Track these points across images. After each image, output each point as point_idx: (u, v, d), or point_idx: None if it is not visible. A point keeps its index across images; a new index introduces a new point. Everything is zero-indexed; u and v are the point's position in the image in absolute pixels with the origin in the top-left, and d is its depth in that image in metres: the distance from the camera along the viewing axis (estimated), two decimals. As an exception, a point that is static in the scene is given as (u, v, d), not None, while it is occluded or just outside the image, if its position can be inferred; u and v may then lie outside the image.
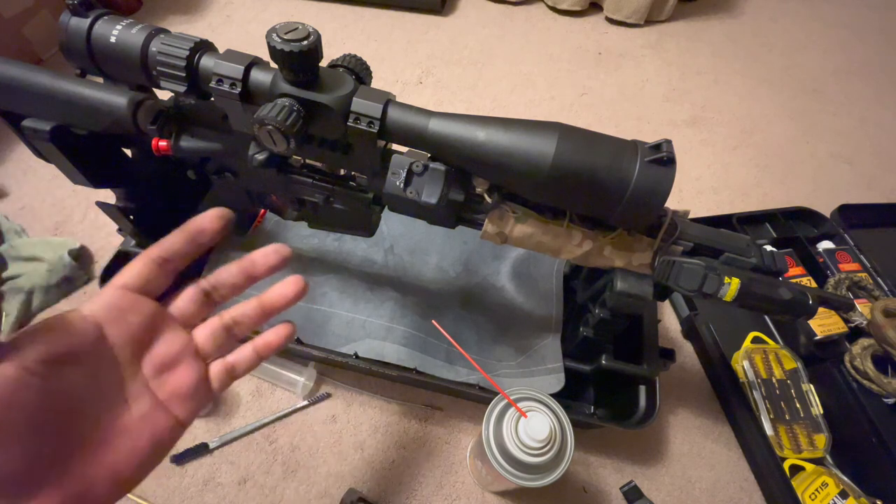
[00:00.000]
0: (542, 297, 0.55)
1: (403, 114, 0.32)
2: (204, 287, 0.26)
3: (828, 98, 0.97)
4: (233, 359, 0.27)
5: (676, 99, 0.94)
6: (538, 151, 0.30)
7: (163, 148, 0.38)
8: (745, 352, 0.58)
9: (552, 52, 1.01)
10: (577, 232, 0.37)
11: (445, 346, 0.51)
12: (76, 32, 0.33)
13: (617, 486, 0.50)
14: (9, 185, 0.70)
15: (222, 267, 0.26)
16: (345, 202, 0.42)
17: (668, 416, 0.55)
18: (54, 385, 0.20)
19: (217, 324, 0.26)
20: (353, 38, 1.01)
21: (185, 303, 0.26)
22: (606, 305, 0.40)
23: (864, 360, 0.55)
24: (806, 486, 0.48)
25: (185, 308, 0.26)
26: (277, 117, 0.29)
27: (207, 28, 1.00)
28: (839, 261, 0.65)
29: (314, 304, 0.53)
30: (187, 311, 0.26)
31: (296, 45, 0.28)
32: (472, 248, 0.59)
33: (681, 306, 0.63)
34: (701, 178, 0.81)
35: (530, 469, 0.36)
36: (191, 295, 0.26)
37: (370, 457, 0.51)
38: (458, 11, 1.10)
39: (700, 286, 0.33)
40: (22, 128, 0.36)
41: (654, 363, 0.46)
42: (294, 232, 0.58)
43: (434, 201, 0.34)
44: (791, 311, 0.35)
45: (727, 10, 1.17)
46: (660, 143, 0.30)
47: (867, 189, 0.81)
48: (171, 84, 0.33)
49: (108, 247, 0.64)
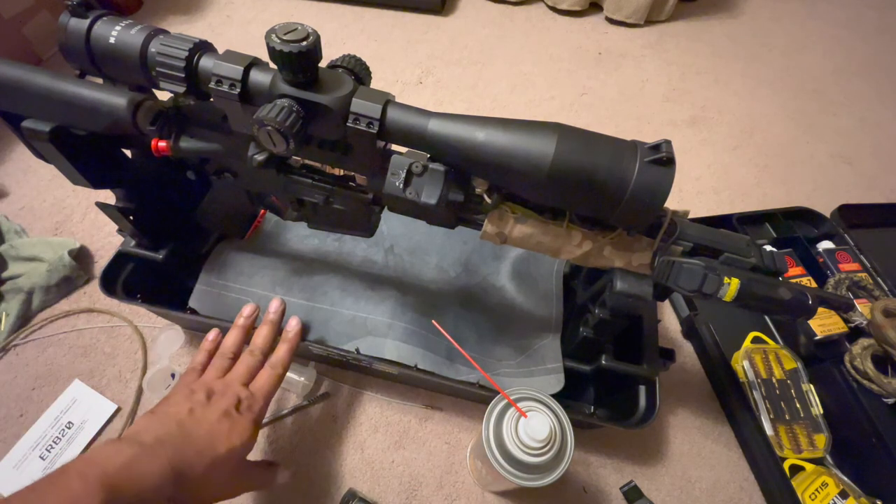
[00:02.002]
0: (542, 297, 0.55)
1: (403, 114, 0.32)
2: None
3: (828, 98, 0.97)
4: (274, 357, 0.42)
5: (676, 99, 0.94)
6: (538, 152, 0.30)
7: (162, 148, 0.38)
8: (745, 352, 0.58)
9: (552, 52, 1.01)
10: (576, 232, 0.37)
11: (446, 345, 0.51)
12: (76, 33, 0.33)
13: (617, 486, 0.50)
14: (9, 185, 0.70)
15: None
16: (344, 202, 0.42)
17: (668, 416, 0.55)
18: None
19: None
20: (353, 38, 1.01)
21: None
22: (606, 305, 0.40)
23: (864, 360, 0.55)
24: (806, 486, 0.48)
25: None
26: (277, 118, 0.29)
27: (207, 28, 1.00)
28: (839, 261, 0.65)
29: (315, 302, 0.53)
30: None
31: (295, 45, 0.28)
32: (471, 248, 0.59)
33: (681, 306, 0.63)
34: (701, 178, 0.81)
35: (530, 469, 0.36)
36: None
37: (370, 457, 0.51)
38: (458, 11, 1.10)
39: (700, 286, 0.33)
40: (22, 128, 0.36)
41: (654, 363, 0.46)
42: (294, 232, 0.58)
43: (433, 202, 0.34)
44: (791, 311, 0.35)
45: (727, 10, 1.17)
46: (659, 144, 0.30)
47: (867, 189, 0.81)
48: (170, 85, 0.33)
49: (108, 247, 0.64)
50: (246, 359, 0.41)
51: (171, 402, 0.36)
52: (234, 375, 0.39)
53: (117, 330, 0.58)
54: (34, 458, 0.48)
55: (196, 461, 0.32)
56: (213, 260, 0.54)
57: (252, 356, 0.41)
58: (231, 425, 0.35)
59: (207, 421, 0.34)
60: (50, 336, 0.57)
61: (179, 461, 0.31)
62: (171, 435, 0.32)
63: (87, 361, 0.55)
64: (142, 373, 0.54)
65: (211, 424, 0.34)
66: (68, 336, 0.57)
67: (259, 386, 0.39)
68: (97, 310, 0.59)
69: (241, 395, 0.37)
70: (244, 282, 0.53)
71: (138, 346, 0.56)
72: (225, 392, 0.37)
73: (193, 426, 0.34)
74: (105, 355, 0.56)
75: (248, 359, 0.41)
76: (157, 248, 0.49)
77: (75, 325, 0.58)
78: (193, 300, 0.51)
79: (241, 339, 0.43)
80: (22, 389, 0.53)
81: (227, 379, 0.39)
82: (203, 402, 0.36)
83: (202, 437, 0.33)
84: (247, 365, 0.40)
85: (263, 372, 0.41)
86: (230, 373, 0.40)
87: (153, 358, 0.56)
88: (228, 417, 0.35)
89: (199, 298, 0.52)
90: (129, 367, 0.55)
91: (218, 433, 0.34)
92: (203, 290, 0.52)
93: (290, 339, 0.44)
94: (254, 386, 0.39)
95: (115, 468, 0.28)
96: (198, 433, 0.33)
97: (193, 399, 0.36)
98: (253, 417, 0.37)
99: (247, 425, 0.36)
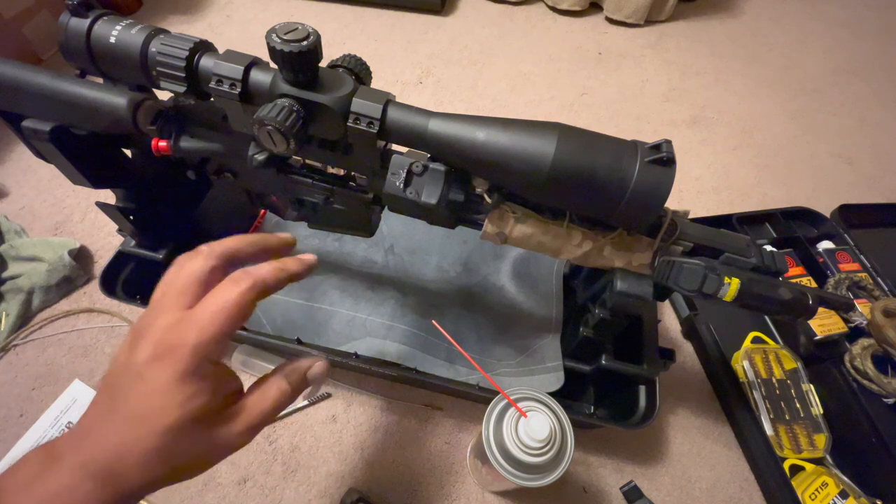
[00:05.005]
0: (542, 297, 0.55)
1: (403, 114, 0.32)
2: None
3: (828, 98, 0.97)
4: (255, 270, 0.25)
5: (676, 99, 0.94)
6: (538, 152, 0.30)
7: (162, 148, 0.38)
8: (745, 352, 0.58)
9: (552, 51, 1.01)
10: (576, 232, 0.37)
11: (446, 346, 0.51)
12: (76, 33, 0.33)
13: (617, 486, 0.50)
14: (9, 185, 0.70)
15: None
16: (345, 202, 0.42)
17: (668, 416, 0.55)
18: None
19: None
20: (353, 38, 1.01)
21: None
22: (606, 305, 0.40)
23: (864, 360, 0.55)
24: (806, 486, 0.48)
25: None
26: (277, 118, 0.29)
27: (207, 28, 1.00)
28: (839, 261, 0.65)
29: (315, 302, 0.53)
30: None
31: (295, 45, 0.28)
32: (472, 247, 0.59)
33: (681, 306, 0.63)
34: (701, 178, 0.81)
35: (530, 469, 0.36)
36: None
37: (370, 457, 0.51)
38: (458, 11, 1.10)
39: (700, 286, 0.33)
40: (22, 128, 0.36)
41: (654, 363, 0.46)
42: (294, 232, 0.58)
43: (434, 202, 0.34)
44: (791, 311, 0.35)
45: (727, 10, 1.17)
46: (659, 144, 0.30)
47: (867, 189, 0.81)
48: (170, 84, 0.33)
49: (108, 247, 0.64)
50: (192, 261, 0.26)
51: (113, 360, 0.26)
52: (172, 288, 0.26)
53: (117, 330, 0.58)
54: (34, 458, 0.48)
55: (126, 471, 0.23)
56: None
57: (200, 255, 0.26)
58: (149, 391, 0.23)
59: (134, 392, 0.24)
60: (50, 336, 0.57)
61: (103, 473, 0.22)
62: (95, 438, 0.23)
63: (87, 361, 0.55)
64: (142, 373, 0.54)
65: (137, 396, 0.24)
66: (68, 336, 0.57)
67: (202, 307, 0.24)
68: (97, 310, 0.59)
69: (171, 328, 0.24)
70: (244, 282, 0.53)
71: (138, 345, 0.56)
72: (150, 326, 0.25)
73: (120, 407, 0.24)
74: (105, 355, 0.56)
75: (196, 259, 0.26)
76: (157, 248, 0.49)
77: (75, 325, 0.58)
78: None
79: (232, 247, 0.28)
80: (22, 389, 0.53)
81: (161, 301, 0.25)
82: (126, 356, 0.25)
83: (128, 422, 0.23)
84: (190, 269, 0.26)
85: (221, 285, 0.25)
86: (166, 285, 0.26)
87: (153, 358, 0.56)
88: (147, 375, 0.23)
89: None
90: (129, 366, 0.55)
91: (141, 409, 0.23)
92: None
93: (289, 263, 0.28)
94: (197, 307, 0.25)
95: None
96: (125, 415, 0.23)
97: (123, 353, 0.25)
98: (178, 367, 0.23)
99: (167, 379, 0.23)
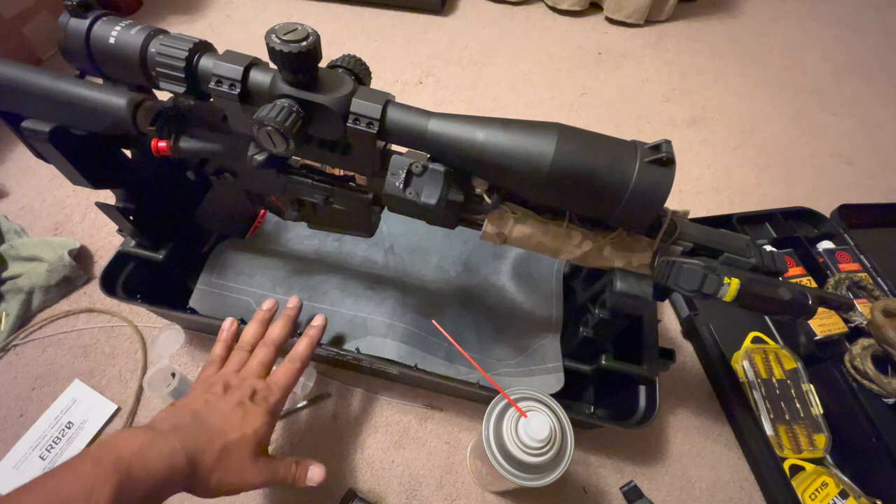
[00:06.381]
0: (542, 297, 0.55)
1: (403, 114, 0.32)
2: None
3: (828, 98, 0.97)
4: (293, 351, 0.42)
5: (676, 99, 0.94)
6: (538, 152, 0.30)
7: (162, 149, 0.38)
8: (745, 352, 0.58)
9: (552, 51, 1.01)
10: (576, 232, 0.37)
11: (446, 345, 0.51)
12: (75, 33, 0.33)
13: (617, 486, 0.50)
14: (9, 185, 0.70)
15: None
16: (344, 202, 0.42)
17: (668, 416, 0.55)
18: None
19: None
20: (353, 38, 1.01)
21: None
22: (606, 306, 0.40)
23: (864, 360, 0.55)
24: (806, 486, 0.48)
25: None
26: (276, 118, 0.29)
27: (207, 28, 1.00)
28: (839, 261, 0.65)
29: (316, 302, 0.53)
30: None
31: (295, 45, 0.28)
32: (472, 247, 0.59)
33: (681, 306, 0.63)
34: (701, 178, 0.81)
35: (530, 469, 0.36)
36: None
37: (370, 457, 0.51)
38: (458, 11, 1.10)
39: (700, 286, 0.33)
40: (22, 128, 0.36)
41: (654, 363, 0.46)
42: (294, 232, 0.58)
43: (433, 202, 0.34)
44: (791, 311, 0.35)
45: (727, 10, 1.17)
46: (659, 144, 0.30)
47: (867, 189, 0.81)
48: (170, 85, 0.33)
49: (108, 247, 0.64)
50: (260, 351, 0.41)
51: (190, 395, 0.38)
52: (250, 368, 0.40)
53: (117, 330, 0.58)
54: (34, 459, 0.48)
55: (208, 447, 0.33)
56: (213, 260, 0.54)
57: (266, 348, 0.42)
58: (244, 414, 0.36)
59: (221, 410, 0.35)
60: (50, 336, 0.57)
61: (192, 447, 0.32)
62: (185, 423, 0.33)
63: (87, 361, 0.55)
64: (142, 372, 0.54)
65: (224, 413, 0.35)
66: (68, 336, 0.57)
67: (276, 378, 0.40)
68: (97, 310, 0.59)
69: (257, 387, 0.38)
70: (244, 282, 0.53)
71: (138, 345, 0.56)
72: (241, 384, 0.38)
73: (207, 415, 0.35)
74: (105, 355, 0.56)
75: (263, 351, 0.41)
76: (157, 248, 0.50)
77: (75, 325, 0.58)
78: (194, 300, 0.51)
79: (259, 333, 0.43)
80: (22, 389, 0.53)
81: (244, 372, 0.40)
82: (219, 393, 0.37)
83: (215, 425, 0.34)
84: (261, 358, 0.41)
85: (283, 365, 0.41)
86: (246, 366, 0.41)
87: (153, 357, 0.56)
88: (242, 407, 0.36)
89: (200, 299, 0.52)
90: (129, 366, 0.55)
91: (231, 421, 0.35)
92: (203, 291, 0.52)
93: (311, 334, 0.44)
94: (271, 378, 0.40)
95: (130, 453, 0.29)
96: (211, 421, 0.34)
97: (210, 391, 0.37)
98: (268, 408, 0.37)
99: (260, 414, 0.36)
